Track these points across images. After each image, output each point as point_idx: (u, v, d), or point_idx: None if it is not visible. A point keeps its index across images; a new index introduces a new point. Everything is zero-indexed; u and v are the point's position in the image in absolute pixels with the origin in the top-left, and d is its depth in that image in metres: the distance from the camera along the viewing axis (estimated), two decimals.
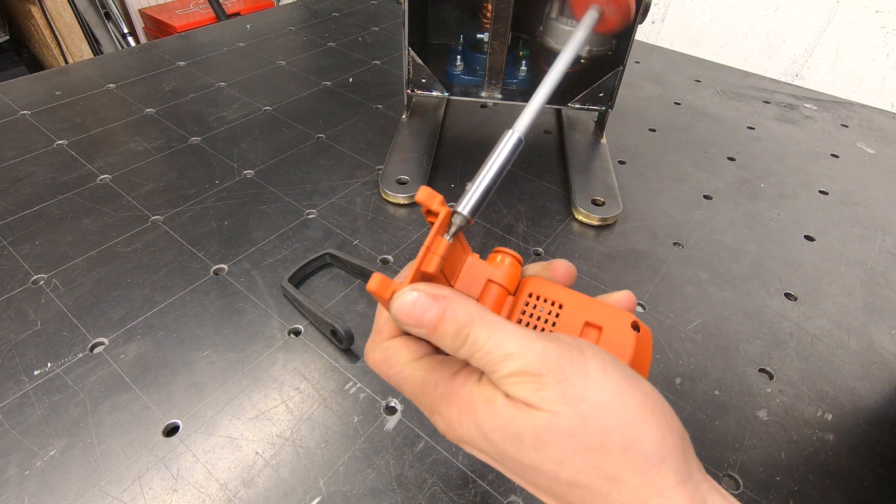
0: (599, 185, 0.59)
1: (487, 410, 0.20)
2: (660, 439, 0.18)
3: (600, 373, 0.19)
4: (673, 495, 0.18)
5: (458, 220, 0.23)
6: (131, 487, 0.32)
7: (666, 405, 0.19)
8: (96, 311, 0.43)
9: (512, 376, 0.19)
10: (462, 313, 0.20)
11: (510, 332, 0.20)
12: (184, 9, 2.02)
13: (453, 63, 0.64)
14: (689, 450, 0.19)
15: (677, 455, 0.18)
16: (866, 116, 0.80)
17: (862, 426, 0.39)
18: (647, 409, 0.19)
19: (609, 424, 0.18)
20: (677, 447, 0.19)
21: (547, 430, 0.18)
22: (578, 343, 0.20)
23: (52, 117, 0.66)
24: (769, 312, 0.48)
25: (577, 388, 0.18)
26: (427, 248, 0.22)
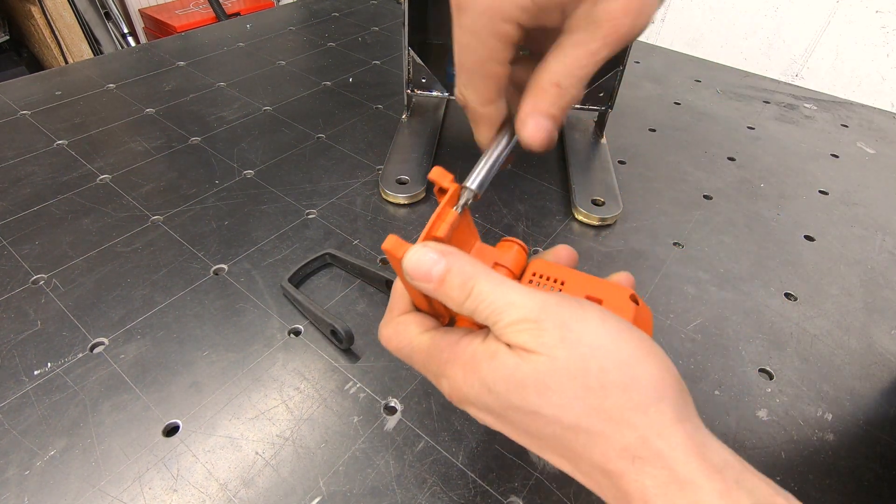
0: (599, 185, 0.59)
1: (491, 364, 0.20)
2: (658, 377, 0.19)
3: (598, 320, 0.19)
4: (672, 433, 0.18)
5: (466, 193, 0.24)
6: (131, 487, 0.32)
7: (663, 353, 0.20)
8: (96, 311, 0.43)
9: (514, 324, 0.20)
10: (468, 268, 0.21)
11: (513, 285, 0.21)
12: (184, 9, 2.02)
13: (453, 63, 0.64)
14: (685, 394, 0.20)
15: (675, 394, 0.19)
16: (866, 116, 0.80)
17: (862, 426, 0.39)
18: (644, 350, 0.19)
19: (607, 365, 0.19)
20: (675, 387, 0.19)
21: (548, 374, 0.19)
22: (579, 299, 0.21)
23: (52, 117, 0.66)
24: (769, 312, 0.48)
25: (575, 333, 0.19)
26: (437, 216, 0.23)
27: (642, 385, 0.18)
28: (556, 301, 0.20)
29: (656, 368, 0.19)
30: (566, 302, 0.20)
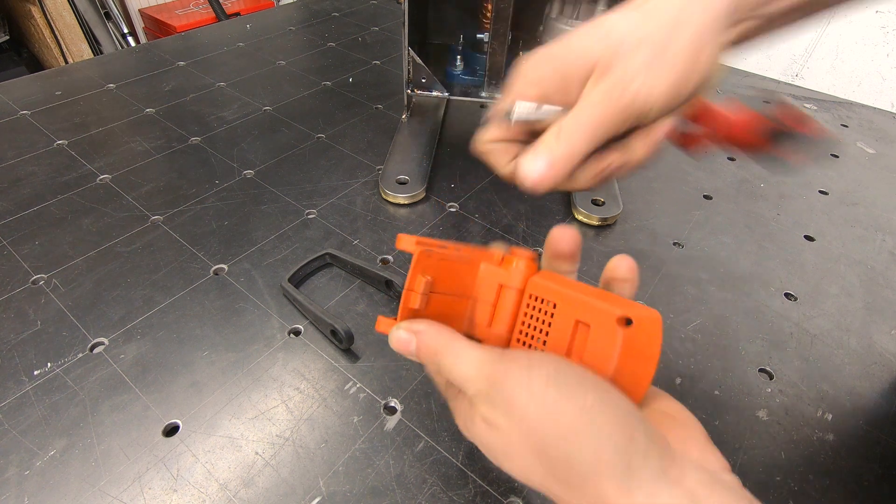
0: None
1: (472, 428, 0.22)
2: (592, 454, 0.19)
3: (543, 386, 0.20)
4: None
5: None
6: (131, 487, 0.32)
7: (610, 414, 0.19)
8: (96, 311, 0.43)
9: (475, 398, 0.22)
10: (433, 343, 0.23)
11: (468, 357, 0.22)
12: (184, 9, 2.02)
13: (453, 63, 0.64)
14: (637, 453, 0.19)
15: (615, 467, 0.18)
16: (866, 116, 0.80)
17: (862, 426, 0.39)
18: (588, 418, 0.19)
19: (548, 440, 0.19)
20: (615, 459, 0.18)
21: (507, 445, 0.20)
22: (530, 359, 0.21)
23: (52, 117, 0.66)
24: (769, 312, 0.48)
25: (519, 407, 0.20)
26: (407, 289, 0.23)
27: (578, 462, 0.19)
28: (503, 371, 0.21)
29: (591, 443, 0.19)
30: (514, 370, 0.20)
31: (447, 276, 0.24)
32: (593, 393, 0.19)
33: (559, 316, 0.23)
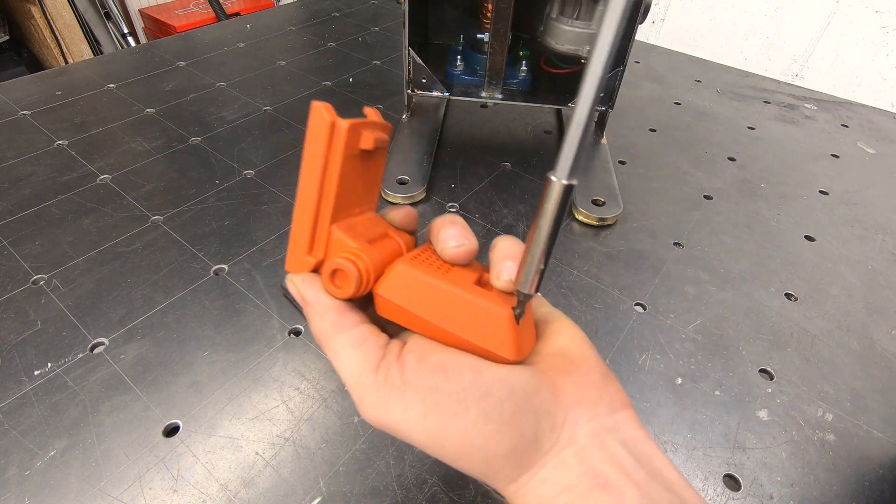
0: (599, 185, 0.59)
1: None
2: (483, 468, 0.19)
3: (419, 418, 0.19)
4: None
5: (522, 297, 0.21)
6: (131, 488, 0.32)
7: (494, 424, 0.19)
8: (96, 312, 0.43)
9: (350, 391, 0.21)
10: (314, 327, 0.22)
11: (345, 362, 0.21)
12: (184, 9, 2.02)
13: (453, 63, 0.64)
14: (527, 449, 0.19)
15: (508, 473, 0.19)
16: (866, 116, 0.80)
17: (862, 426, 0.39)
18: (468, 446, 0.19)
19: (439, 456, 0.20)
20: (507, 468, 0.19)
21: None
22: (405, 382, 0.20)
23: (52, 117, 0.65)
24: (769, 312, 0.47)
25: (402, 432, 0.20)
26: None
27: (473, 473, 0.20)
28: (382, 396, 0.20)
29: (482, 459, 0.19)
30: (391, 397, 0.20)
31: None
32: (475, 406, 0.19)
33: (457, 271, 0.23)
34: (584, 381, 0.21)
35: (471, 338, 0.20)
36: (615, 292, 0.48)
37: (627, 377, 0.41)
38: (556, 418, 0.19)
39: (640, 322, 0.46)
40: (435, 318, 0.21)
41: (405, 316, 0.21)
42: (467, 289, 0.21)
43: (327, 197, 0.21)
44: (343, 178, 0.21)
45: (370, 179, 0.24)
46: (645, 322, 0.46)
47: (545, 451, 0.19)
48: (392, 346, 0.21)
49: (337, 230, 0.21)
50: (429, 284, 0.21)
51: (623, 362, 0.42)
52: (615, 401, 0.21)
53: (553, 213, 0.18)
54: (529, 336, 0.22)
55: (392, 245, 0.23)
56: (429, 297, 0.21)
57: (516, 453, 0.19)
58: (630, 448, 0.19)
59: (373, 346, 0.21)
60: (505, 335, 0.20)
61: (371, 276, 0.21)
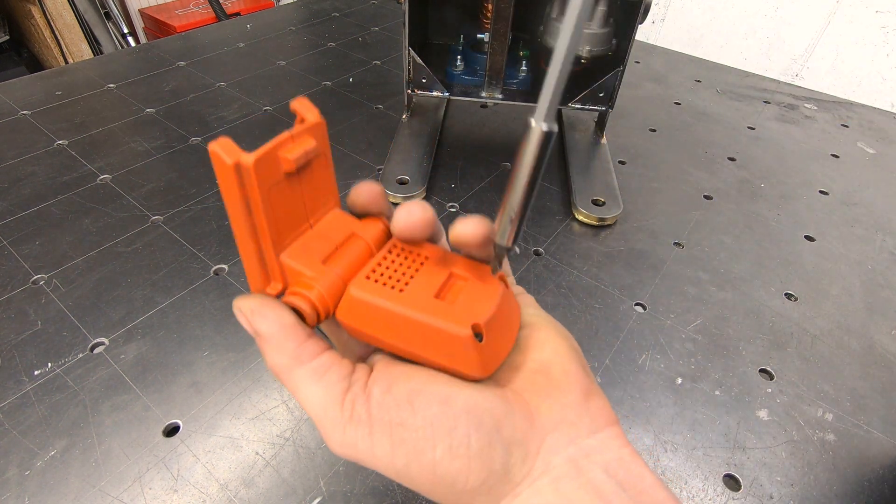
0: (599, 185, 0.59)
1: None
2: (455, 499, 0.19)
3: (386, 456, 0.19)
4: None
5: (500, 251, 0.21)
6: (131, 488, 0.32)
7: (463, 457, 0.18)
8: (96, 311, 0.43)
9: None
10: (273, 363, 0.20)
11: (306, 393, 0.19)
12: (184, 9, 2.02)
13: (453, 63, 0.64)
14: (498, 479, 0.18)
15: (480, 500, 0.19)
16: (866, 116, 0.80)
17: (862, 426, 0.39)
18: (437, 483, 0.19)
19: (408, 486, 0.19)
20: (479, 498, 0.19)
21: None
22: (371, 420, 0.19)
23: (52, 117, 0.65)
24: (769, 312, 0.48)
25: (371, 465, 0.19)
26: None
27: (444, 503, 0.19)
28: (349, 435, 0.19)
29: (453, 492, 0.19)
30: (357, 436, 0.19)
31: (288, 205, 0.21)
32: (441, 443, 0.18)
33: (430, 266, 0.21)
34: (563, 401, 0.20)
35: (435, 358, 0.20)
36: (615, 292, 0.48)
37: (627, 377, 0.41)
38: (528, 447, 0.19)
39: (640, 322, 0.46)
40: (395, 342, 0.20)
41: (370, 338, 0.20)
42: (424, 308, 0.19)
43: (262, 233, 0.20)
44: (272, 210, 0.19)
45: (315, 187, 0.22)
46: (645, 322, 0.46)
47: (516, 482, 0.19)
48: (358, 375, 0.20)
49: (287, 258, 0.20)
50: (382, 308, 0.20)
51: (623, 362, 0.42)
52: (597, 420, 0.20)
53: (532, 160, 0.18)
54: (505, 332, 0.21)
55: (357, 249, 0.22)
56: (385, 320, 0.20)
57: (486, 486, 0.18)
58: (612, 471, 0.19)
59: (335, 378, 0.19)
60: (467, 355, 0.19)
61: (328, 305, 0.20)
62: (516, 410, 0.19)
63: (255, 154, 0.19)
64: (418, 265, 0.21)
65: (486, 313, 0.20)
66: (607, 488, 0.18)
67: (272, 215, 0.20)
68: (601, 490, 0.18)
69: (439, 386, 0.19)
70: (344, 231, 0.22)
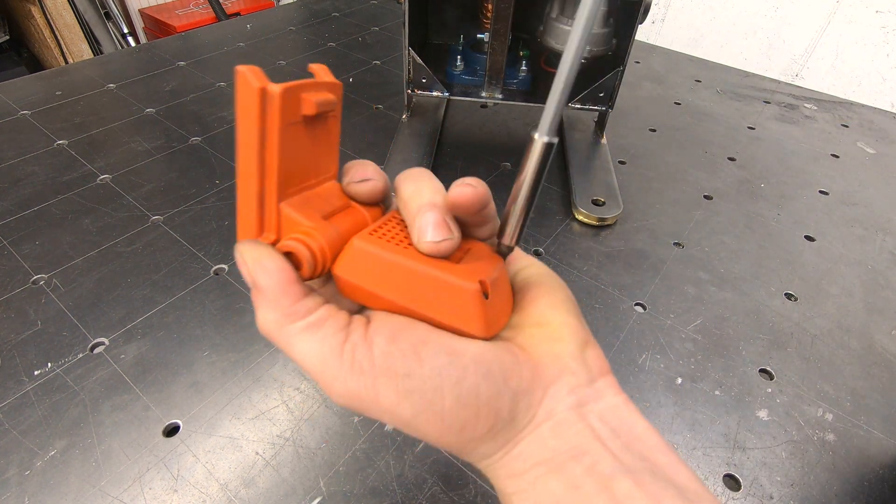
0: (599, 185, 0.59)
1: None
2: (463, 452, 0.20)
3: (393, 406, 0.18)
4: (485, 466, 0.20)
5: (504, 249, 0.22)
6: (132, 488, 0.32)
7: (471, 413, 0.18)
8: (96, 311, 0.43)
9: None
10: (264, 319, 0.19)
11: (301, 347, 0.19)
12: (184, 9, 2.02)
13: (453, 63, 0.64)
14: (503, 429, 0.19)
15: (485, 453, 0.19)
16: (866, 116, 0.80)
17: (862, 426, 0.39)
18: (445, 437, 0.19)
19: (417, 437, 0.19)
20: (485, 449, 0.19)
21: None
22: (374, 369, 0.18)
23: (52, 117, 0.65)
24: (769, 312, 0.48)
25: (376, 414, 0.19)
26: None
27: (451, 451, 0.20)
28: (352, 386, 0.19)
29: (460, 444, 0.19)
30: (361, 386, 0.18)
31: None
32: (450, 392, 0.18)
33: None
34: (564, 352, 0.20)
35: (437, 316, 0.19)
36: (615, 292, 0.48)
37: (627, 377, 0.41)
38: (533, 396, 0.19)
39: (640, 322, 0.46)
40: (398, 298, 0.19)
41: (367, 296, 0.20)
42: (430, 263, 0.19)
43: (270, 173, 0.19)
44: (285, 150, 0.19)
45: (323, 146, 0.21)
46: (645, 322, 0.46)
47: (520, 428, 0.19)
48: (355, 325, 0.19)
49: (287, 207, 0.20)
50: (388, 261, 0.19)
51: (623, 362, 0.42)
52: (594, 369, 0.21)
53: (534, 169, 0.19)
54: (504, 304, 0.21)
55: (354, 217, 0.22)
56: (389, 274, 0.19)
57: (492, 433, 0.19)
58: (606, 419, 0.19)
59: (332, 330, 0.19)
60: (473, 312, 0.19)
61: (327, 256, 0.20)
62: (522, 362, 0.20)
63: (283, 85, 0.18)
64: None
65: (491, 274, 0.20)
66: (604, 432, 0.19)
67: (284, 155, 0.19)
68: (599, 434, 0.19)
69: (445, 337, 0.19)
70: (342, 200, 0.22)
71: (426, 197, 0.20)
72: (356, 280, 0.20)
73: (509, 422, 0.19)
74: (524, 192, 0.20)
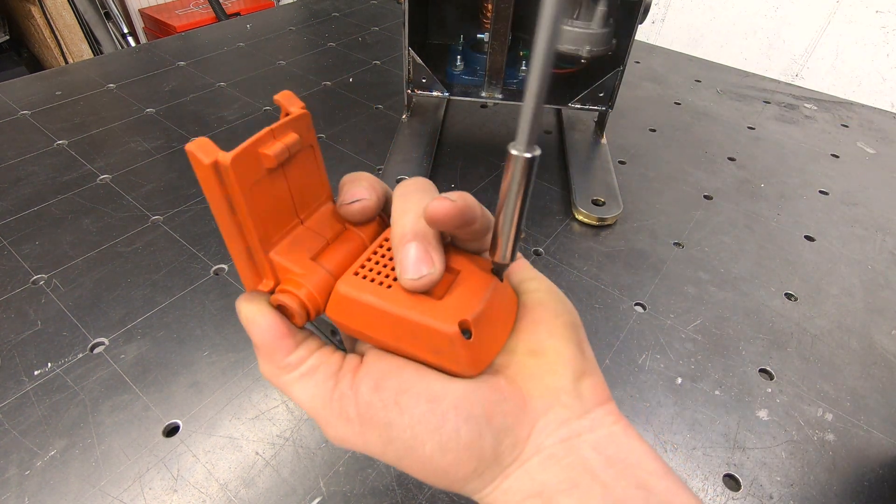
0: (599, 185, 0.59)
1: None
2: (447, 485, 0.19)
3: (380, 450, 0.19)
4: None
5: (500, 268, 0.21)
6: (131, 488, 0.32)
7: (452, 453, 0.18)
8: (96, 311, 0.43)
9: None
10: (264, 369, 0.21)
11: (297, 393, 0.20)
12: (184, 9, 2.02)
13: (453, 63, 0.64)
14: (488, 466, 0.19)
15: (471, 487, 0.19)
16: (866, 116, 0.80)
17: (862, 426, 0.39)
18: (430, 474, 0.19)
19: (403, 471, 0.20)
20: (468, 486, 0.19)
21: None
22: (360, 416, 0.19)
23: (52, 117, 0.65)
24: (769, 312, 0.47)
25: (363, 451, 0.20)
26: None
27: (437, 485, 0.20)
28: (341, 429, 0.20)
29: (445, 480, 0.19)
30: (349, 432, 0.20)
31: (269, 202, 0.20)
32: (430, 440, 0.18)
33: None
34: (555, 385, 0.20)
35: (423, 355, 0.20)
36: (615, 292, 0.48)
37: (627, 377, 0.41)
38: (519, 433, 0.19)
39: (640, 322, 0.46)
40: (384, 338, 0.20)
41: (359, 335, 0.21)
42: (412, 305, 0.19)
43: (248, 231, 0.19)
44: (256, 208, 0.19)
45: (306, 179, 0.22)
46: (645, 322, 0.46)
47: (506, 465, 0.19)
48: (345, 372, 0.20)
49: (276, 256, 0.20)
50: (369, 305, 0.19)
51: (623, 362, 0.42)
52: (589, 401, 0.20)
53: (519, 185, 0.18)
54: (496, 331, 0.21)
55: (349, 244, 0.22)
56: (372, 317, 0.20)
57: (477, 472, 0.19)
58: (601, 448, 0.19)
59: (322, 377, 0.20)
60: (455, 353, 0.19)
61: (318, 302, 0.20)
62: (507, 398, 0.19)
63: (233, 152, 0.18)
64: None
65: (475, 309, 0.19)
66: (595, 463, 0.18)
67: (257, 213, 0.19)
68: (589, 466, 0.18)
69: (428, 381, 0.19)
70: (336, 226, 0.22)
71: (410, 223, 0.20)
72: (345, 322, 0.20)
73: (493, 460, 0.19)
74: (510, 208, 0.19)
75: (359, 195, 0.22)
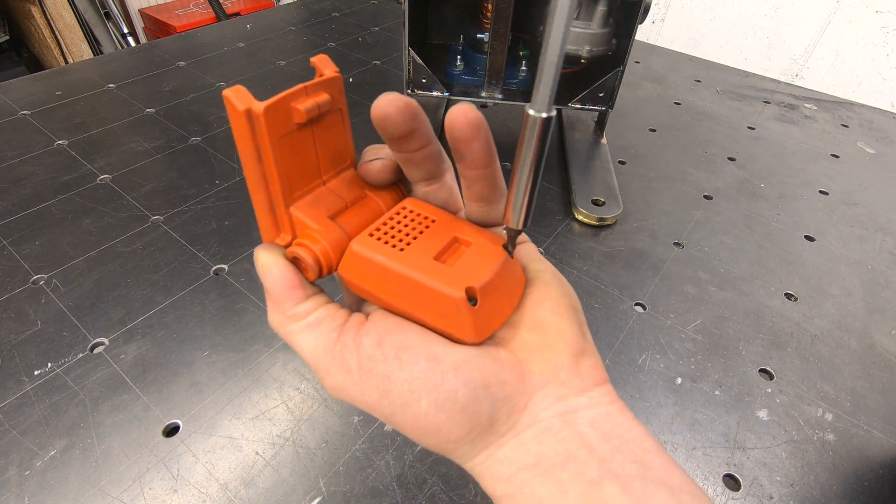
0: (599, 185, 0.59)
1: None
2: (441, 448, 0.20)
3: (376, 402, 0.20)
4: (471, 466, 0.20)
5: (512, 234, 0.22)
6: (131, 488, 0.32)
7: (446, 413, 0.19)
8: (96, 311, 0.43)
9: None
10: (272, 317, 0.21)
11: (300, 342, 0.21)
12: (184, 9, 2.02)
13: (453, 63, 0.64)
14: (482, 432, 0.19)
15: (463, 452, 0.19)
16: (866, 116, 0.80)
17: (862, 426, 0.39)
18: (425, 432, 0.19)
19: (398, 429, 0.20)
20: (462, 449, 0.19)
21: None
22: (360, 366, 0.19)
23: (52, 117, 0.65)
24: (769, 312, 0.47)
25: (362, 406, 0.20)
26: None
27: (430, 447, 0.20)
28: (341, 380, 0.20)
29: (437, 441, 0.19)
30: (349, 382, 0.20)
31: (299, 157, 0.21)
32: (426, 397, 0.18)
33: (436, 228, 0.22)
34: (555, 361, 0.20)
35: (428, 319, 0.20)
36: (615, 292, 0.48)
37: (627, 377, 0.41)
38: (515, 403, 0.19)
39: (639, 322, 0.46)
40: (392, 300, 0.20)
41: (367, 295, 0.21)
42: (423, 268, 0.20)
43: (273, 183, 0.20)
44: (283, 160, 0.20)
45: (331, 141, 0.22)
46: (645, 322, 0.46)
47: (500, 433, 0.19)
48: (349, 326, 0.20)
49: (296, 211, 0.21)
50: (381, 266, 0.20)
51: (623, 362, 0.42)
52: (587, 380, 0.20)
53: (535, 147, 0.18)
54: (501, 303, 0.21)
55: (367, 209, 0.22)
56: (383, 278, 0.20)
57: (470, 437, 0.19)
58: (597, 424, 0.19)
59: (326, 329, 0.20)
60: (460, 319, 0.19)
61: (332, 259, 0.21)
62: (506, 369, 0.20)
63: (266, 102, 0.19)
64: (423, 227, 0.22)
65: (483, 278, 0.20)
66: (592, 438, 0.19)
67: (283, 166, 0.20)
68: (586, 440, 0.19)
69: (430, 342, 0.20)
70: (356, 190, 0.23)
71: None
72: (356, 281, 0.21)
73: (488, 427, 0.19)
74: (525, 172, 0.19)
75: (380, 155, 0.23)
